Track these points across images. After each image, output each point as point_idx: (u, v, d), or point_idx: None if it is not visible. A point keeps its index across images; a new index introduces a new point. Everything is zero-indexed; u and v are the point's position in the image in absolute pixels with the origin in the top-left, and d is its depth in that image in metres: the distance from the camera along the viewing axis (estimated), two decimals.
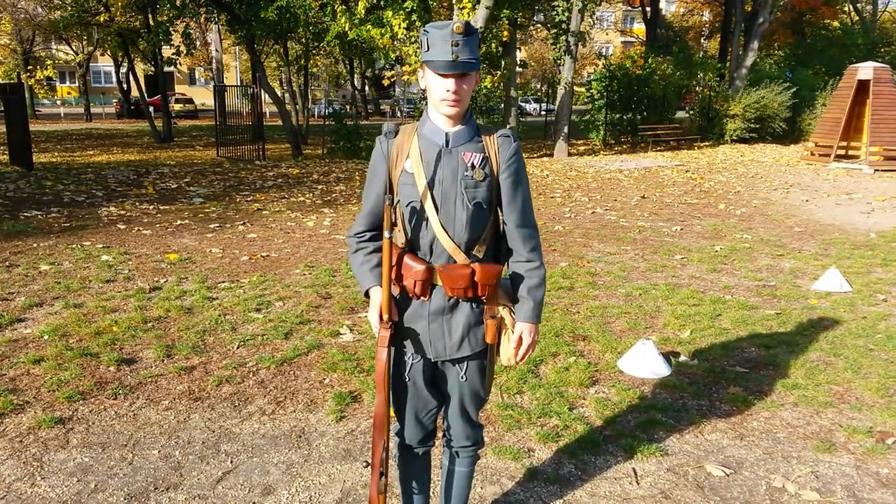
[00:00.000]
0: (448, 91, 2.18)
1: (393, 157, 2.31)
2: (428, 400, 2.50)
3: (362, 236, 2.45)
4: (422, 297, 2.32)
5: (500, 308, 2.36)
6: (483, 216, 2.31)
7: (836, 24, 35.49)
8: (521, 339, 2.37)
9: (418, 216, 2.28)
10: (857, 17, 37.85)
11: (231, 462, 3.51)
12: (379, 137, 2.36)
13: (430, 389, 2.49)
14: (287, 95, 26.64)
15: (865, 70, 18.40)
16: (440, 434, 2.65)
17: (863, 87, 18.35)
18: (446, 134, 2.27)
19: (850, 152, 18.89)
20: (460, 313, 2.34)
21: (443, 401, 2.55)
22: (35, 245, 7.96)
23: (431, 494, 2.86)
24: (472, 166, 2.26)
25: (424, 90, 2.29)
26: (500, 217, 2.39)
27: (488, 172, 2.28)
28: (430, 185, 2.25)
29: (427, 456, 2.68)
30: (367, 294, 2.41)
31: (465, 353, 2.37)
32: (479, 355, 2.42)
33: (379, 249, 2.40)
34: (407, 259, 2.30)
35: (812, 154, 19.51)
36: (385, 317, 2.28)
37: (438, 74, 2.17)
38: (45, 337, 5.08)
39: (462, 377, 2.43)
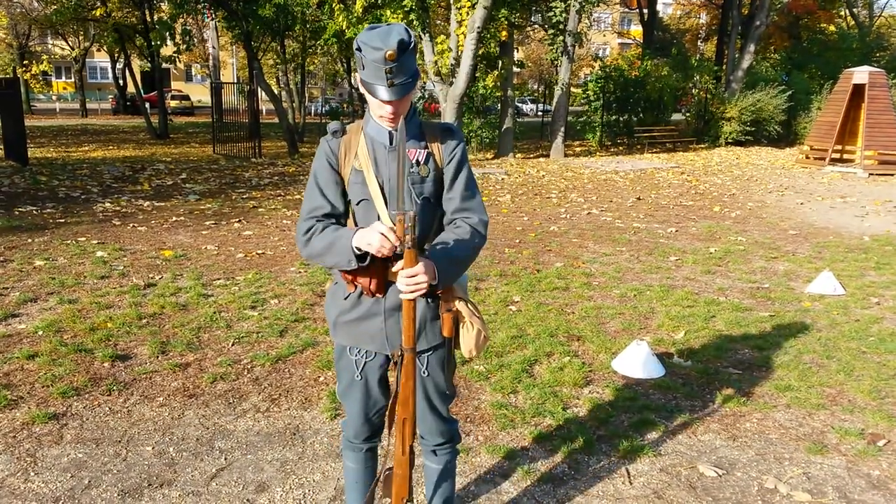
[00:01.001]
0: (387, 111, 2.19)
1: (341, 155, 2.32)
2: (378, 398, 2.52)
3: (311, 230, 2.31)
4: (377, 295, 2.33)
5: (456, 302, 2.36)
6: (431, 211, 2.35)
7: (832, 28, 35.62)
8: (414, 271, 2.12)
9: (369, 214, 2.29)
10: (853, 22, 37.97)
11: (225, 459, 3.51)
12: (325, 137, 2.35)
13: (382, 388, 2.52)
14: (284, 93, 26.61)
15: (861, 74, 18.48)
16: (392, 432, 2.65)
17: (858, 91, 18.43)
18: (390, 133, 2.29)
19: (845, 156, 18.97)
20: (416, 309, 2.31)
21: (388, 398, 2.55)
22: (29, 240, 7.94)
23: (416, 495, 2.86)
24: (417, 162, 2.29)
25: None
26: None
27: (432, 168, 2.32)
28: (379, 183, 2.28)
29: (373, 453, 2.69)
30: (359, 257, 2.18)
31: (422, 346, 2.38)
32: (438, 349, 2.43)
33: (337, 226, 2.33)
34: None
35: (807, 157, 19.57)
36: (392, 237, 2.08)
37: (375, 97, 2.16)
38: (40, 332, 5.07)
39: (424, 372, 2.44)
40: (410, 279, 2.11)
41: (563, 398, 4.27)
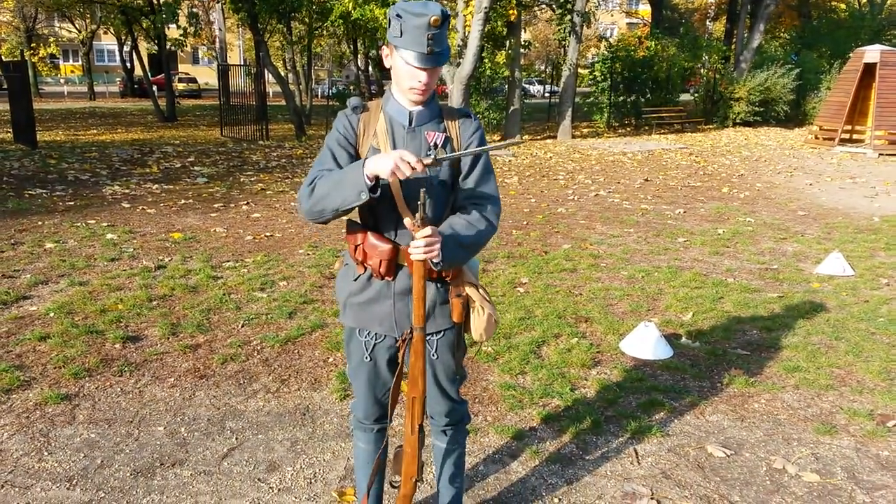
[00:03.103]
0: (420, 82, 2.18)
1: (360, 132, 2.30)
2: (387, 379, 2.54)
3: (315, 179, 2.22)
4: (386, 278, 2.32)
5: (466, 286, 2.37)
6: (445, 194, 2.34)
7: (842, 6, 35.21)
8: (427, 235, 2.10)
9: (383, 194, 2.24)
10: (864, 0, 37.52)
11: (236, 439, 3.55)
12: (344, 111, 2.33)
13: (391, 369, 2.53)
14: (291, 75, 26.54)
15: (872, 53, 18.25)
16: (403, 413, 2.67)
17: (869, 70, 18.21)
18: (410, 113, 2.28)
19: (855, 136, 18.80)
20: (426, 292, 2.32)
21: (399, 379, 2.56)
22: (40, 223, 7.98)
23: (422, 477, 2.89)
24: (435, 145, 2.28)
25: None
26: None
27: (450, 152, 2.30)
28: None
29: (383, 433, 2.68)
30: (372, 185, 2.09)
31: (431, 329, 2.38)
32: (447, 332, 2.44)
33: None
34: (372, 238, 2.30)
35: (816, 138, 19.42)
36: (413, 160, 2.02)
37: (409, 64, 2.15)
38: (51, 314, 5.11)
39: (433, 354, 2.45)
40: (426, 239, 2.08)
41: (570, 379, 4.28)
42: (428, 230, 2.08)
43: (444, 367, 2.49)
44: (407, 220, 2.13)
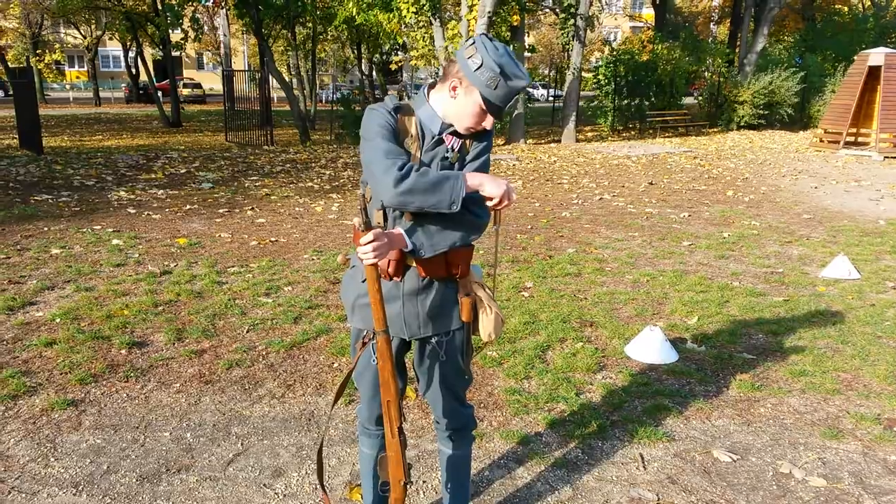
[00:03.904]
0: (483, 125, 2.26)
1: (399, 130, 2.31)
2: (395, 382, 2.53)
3: (407, 165, 2.17)
4: (395, 278, 2.32)
5: (474, 286, 2.40)
6: None
7: (846, 9, 35.15)
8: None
9: None
10: (868, 2, 37.47)
11: (241, 444, 3.55)
12: (382, 106, 2.31)
13: (397, 371, 2.51)
14: (295, 80, 26.61)
15: (877, 56, 18.21)
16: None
17: (873, 73, 18.18)
18: (443, 123, 2.30)
19: (860, 139, 18.75)
20: (435, 293, 2.35)
21: (405, 383, 2.59)
22: (46, 229, 8.01)
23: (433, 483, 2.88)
24: (452, 149, 2.31)
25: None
26: None
27: (462, 155, 2.33)
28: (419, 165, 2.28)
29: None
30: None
31: (439, 330, 2.40)
32: (456, 333, 2.45)
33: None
34: None
35: (821, 141, 19.38)
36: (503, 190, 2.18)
37: (485, 111, 2.21)
38: (57, 320, 5.13)
39: (441, 356, 2.46)
40: (370, 244, 2.08)
41: (576, 384, 4.28)
42: (370, 235, 2.08)
43: (452, 368, 2.49)
44: (354, 220, 2.13)
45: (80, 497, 3.08)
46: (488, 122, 2.26)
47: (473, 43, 2.18)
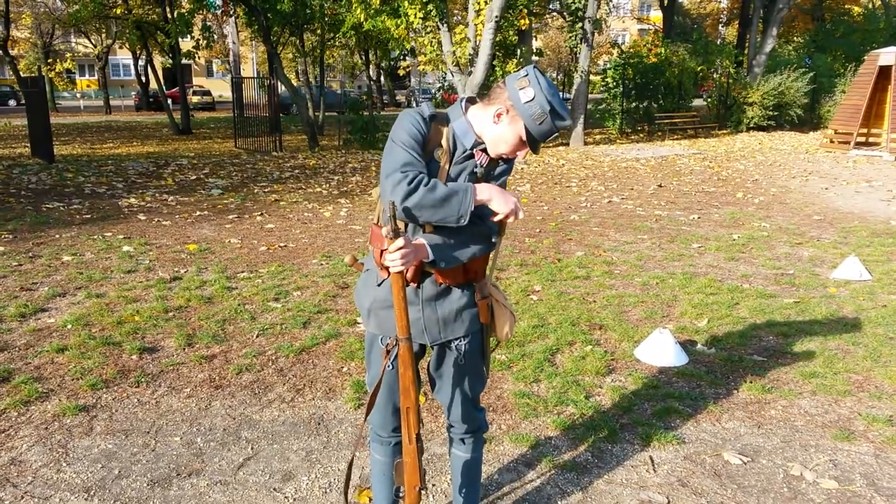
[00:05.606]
0: (518, 154, 2.29)
1: (430, 139, 2.30)
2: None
3: (417, 178, 2.15)
4: (412, 284, 2.33)
5: (491, 288, 2.43)
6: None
7: (857, 9, 34.99)
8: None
9: None
10: (879, 2, 37.28)
11: (252, 449, 3.56)
12: (417, 111, 2.29)
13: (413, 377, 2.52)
14: (303, 87, 26.71)
15: (887, 55, 18.11)
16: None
17: (884, 73, 18.08)
18: (476, 139, 2.30)
19: (871, 140, 18.65)
20: (452, 297, 2.37)
21: (419, 388, 2.57)
22: (57, 236, 8.06)
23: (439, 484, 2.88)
24: (481, 165, 2.32)
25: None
26: None
27: (487, 172, 2.34)
28: (447, 178, 2.30)
29: (400, 447, 2.59)
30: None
31: (459, 333, 2.41)
32: (475, 336, 2.46)
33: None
34: None
35: (831, 142, 19.29)
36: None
37: (524, 142, 2.24)
38: (69, 326, 5.16)
39: (461, 359, 2.46)
40: (400, 251, 2.09)
41: (585, 387, 4.27)
42: (400, 241, 2.08)
43: (471, 371, 2.51)
44: (383, 230, 2.12)
45: (91, 502, 3.09)
46: (522, 153, 2.28)
47: (527, 75, 2.19)
